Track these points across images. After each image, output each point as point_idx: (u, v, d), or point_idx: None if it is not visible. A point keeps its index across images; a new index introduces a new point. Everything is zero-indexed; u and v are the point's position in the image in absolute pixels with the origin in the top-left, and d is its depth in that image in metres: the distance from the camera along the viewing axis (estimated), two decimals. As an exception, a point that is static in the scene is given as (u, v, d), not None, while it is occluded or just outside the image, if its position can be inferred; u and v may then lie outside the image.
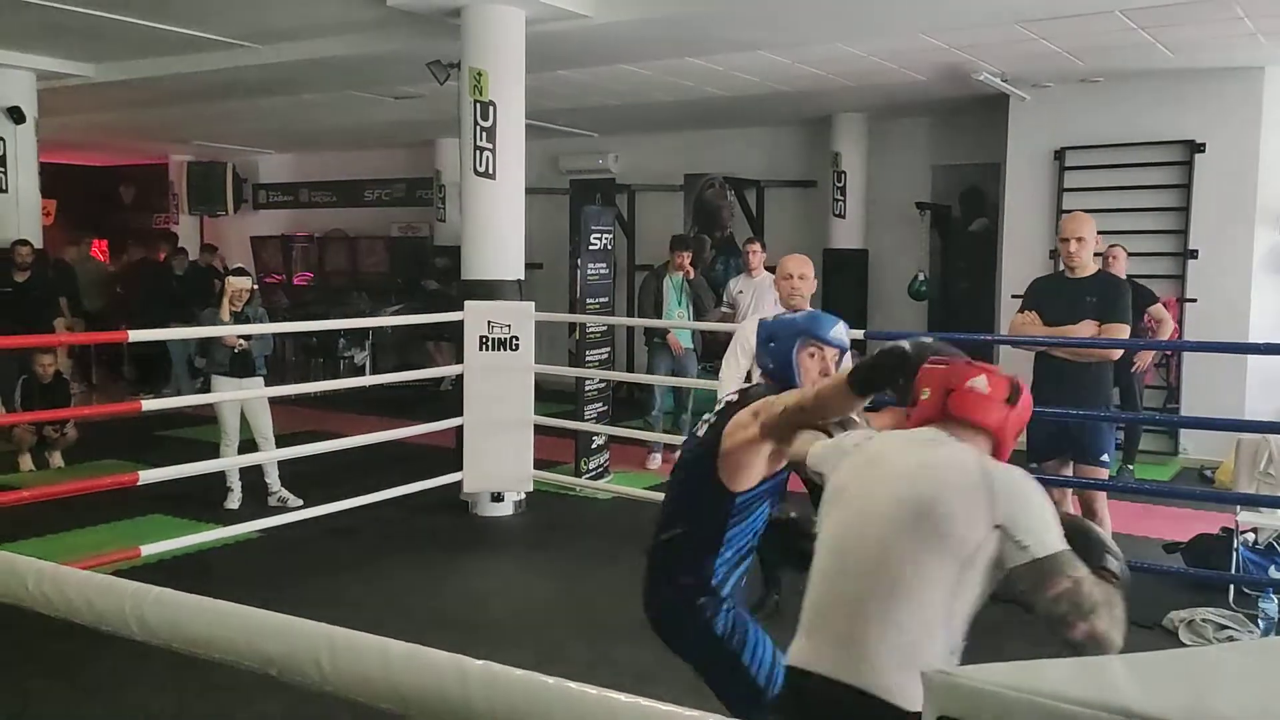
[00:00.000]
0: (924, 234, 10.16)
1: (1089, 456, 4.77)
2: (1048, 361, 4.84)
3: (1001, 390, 2.07)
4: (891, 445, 2.08)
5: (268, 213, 15.39)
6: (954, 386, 2.07)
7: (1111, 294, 4.75)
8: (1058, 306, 4.76)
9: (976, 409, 2.05)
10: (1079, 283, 4.76)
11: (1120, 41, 6.97)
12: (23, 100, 8.77)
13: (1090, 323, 4.67)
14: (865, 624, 1.86)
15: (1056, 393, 4.69)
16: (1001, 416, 2.06)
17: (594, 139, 12.05)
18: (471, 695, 1.11)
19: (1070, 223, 4.83)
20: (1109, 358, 4.83)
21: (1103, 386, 4.83)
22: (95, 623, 1.36)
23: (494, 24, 6.22)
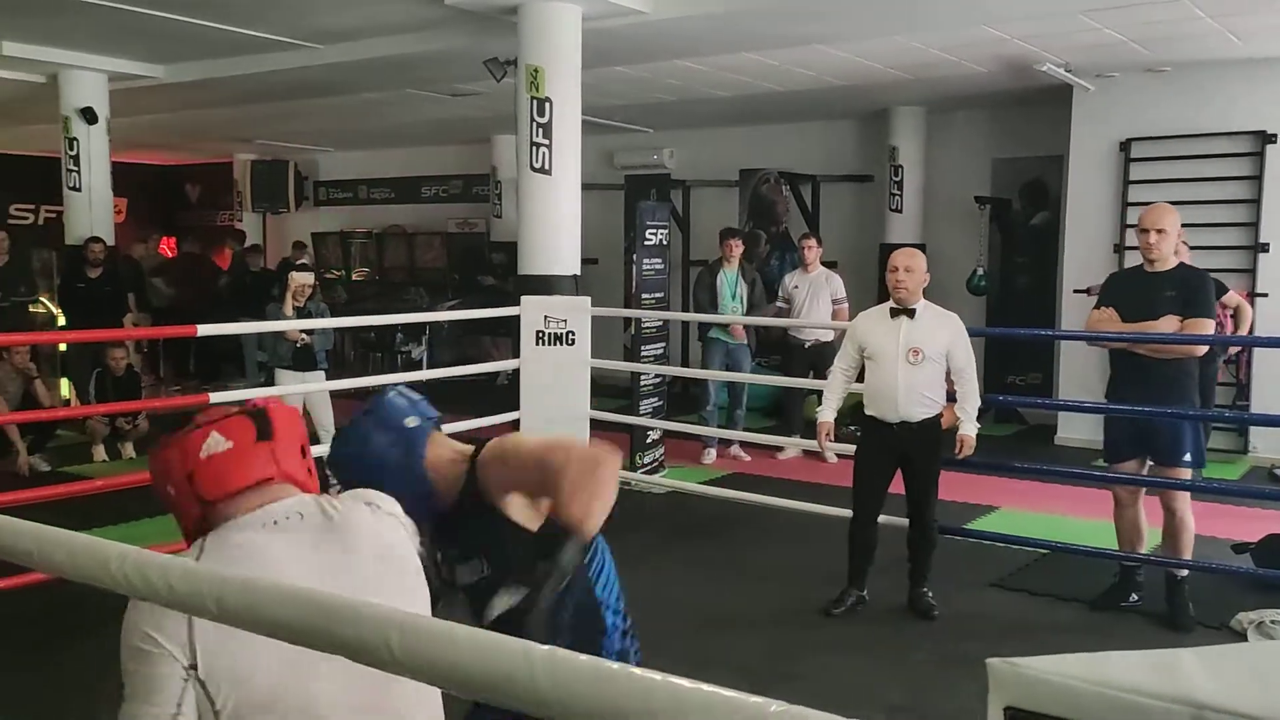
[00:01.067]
0: (983, 228, 10.02)
1: (1170, 458, 4.59)
2: (1127, 359, 4.64)
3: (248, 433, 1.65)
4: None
5: (328, 209, 15.64)
6: (192, 467, 1.63)
7: (1194, 288, 4.51)
8: (1136, 302, 4.57)
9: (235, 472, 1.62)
10: (1159, 277, 4.54)
11: (1187, 30, 6.81)
12: (95, 101, 9.01)
13: (1171, 318, 4.46)
14: None
15: (1136, 392, 4.54)
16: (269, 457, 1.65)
17: (649, 134, 12.06)
18: (538, 680, 1.13)
19: (1151, 213, 4.59)
20: (1192, 354, 4.57)
21: (1185, 385, 4.58)
22: (176, 605, 1.40)
23: (551, 21, 6.26)
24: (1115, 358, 4.77)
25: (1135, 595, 4.78)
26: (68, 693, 3.87)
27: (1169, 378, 4.53)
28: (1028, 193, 10.18)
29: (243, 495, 1.63)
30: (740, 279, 7.95)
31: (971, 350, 4.62)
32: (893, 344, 4.52)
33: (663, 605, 4.74)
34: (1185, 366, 4.57)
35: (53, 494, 4.86)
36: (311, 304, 6.79)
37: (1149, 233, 4.50)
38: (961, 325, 4.61)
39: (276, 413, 1.68)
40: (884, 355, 4.54)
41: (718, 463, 7.80)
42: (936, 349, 4.51)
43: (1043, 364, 9.59)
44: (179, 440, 1.64)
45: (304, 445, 1.72)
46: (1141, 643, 4.29)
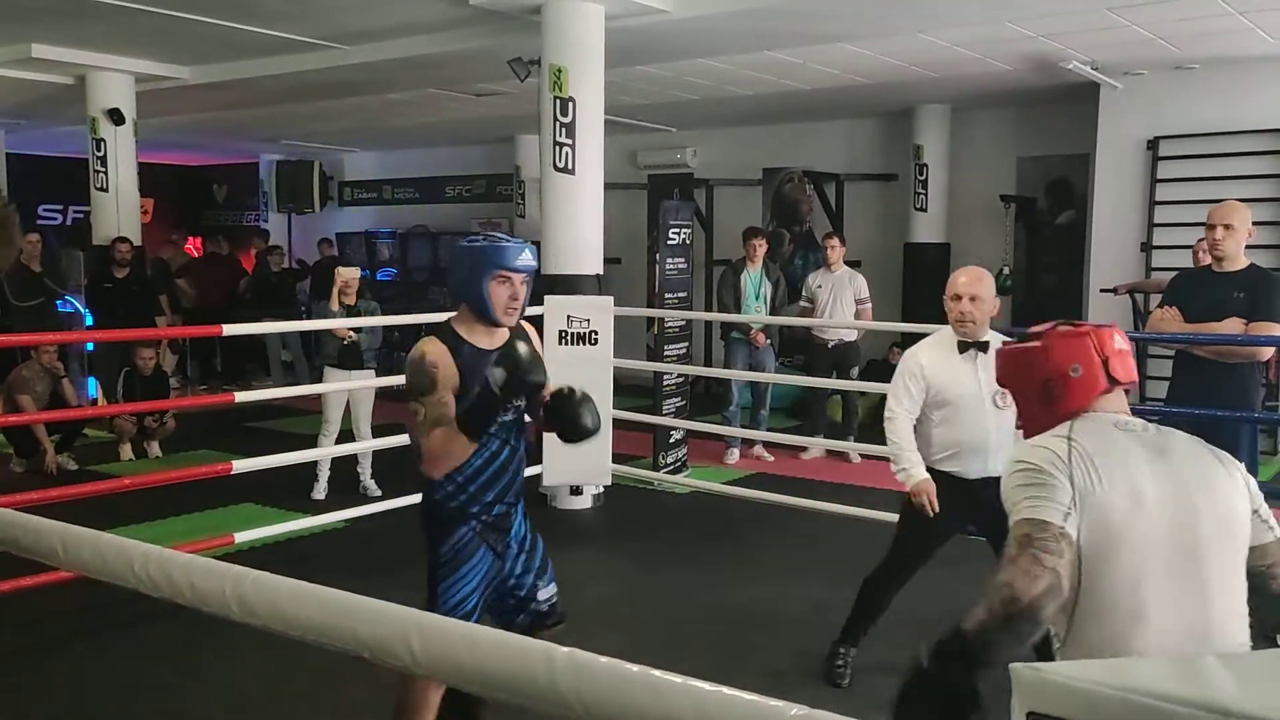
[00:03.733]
0: (1009, 227, 9.95)
1: None
2: (1189, 361, 4.50)
3: (1128, 342, 2.05)
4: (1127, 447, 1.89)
5: (352, 209, 15.73)
6: (1108, 353, 2.00)
7: (1262, 289, 4.30)
8: (1201, 302, 4.39)
9: (1132, 369, 2.02)
10: (1226, 277, 4.36)
11: (1216, 27, 6.73)
12: (122, 102, 9.10)
13: (1236, 320, 4.28)
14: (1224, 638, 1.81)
15: (1197, 394, 4.42)
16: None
17: (672, 134, 12.05)
18: (558, 681, 1.13)
19: (1219, 209, 4.41)
20: (1256, 357, 4.41)
21: (1250, 389, 4.43)
22: (197, 604, 1.42)
23: (574, 21, 6.27)
24: (1176, 360, 4.64)
25: None
26: (94, 689, 3.91)
27: (1232, 382, 4.37)
28: (1054, 191, 10.11)
29: (1121, 389, 2.01)
30: (764, 278, 7.93)
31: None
32: (973, 386, 3.70)
33: (687, 606, 4.74)
34: (1248, 370, 4.40)
35: (80, 493, 4.91)
36: (362, 302, 6.59)
37: (1216, 228, 4.33)
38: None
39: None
40: (965, 400, 3.70)
41: (741, 463, 7.79)
42: None
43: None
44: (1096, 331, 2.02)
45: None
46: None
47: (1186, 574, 1.79)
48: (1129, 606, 1.76)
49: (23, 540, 1.62)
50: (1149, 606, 1.76)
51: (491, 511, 2.93)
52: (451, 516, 2.89)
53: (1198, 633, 1.77)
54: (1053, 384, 2.00)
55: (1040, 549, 1.74)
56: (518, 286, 2.80)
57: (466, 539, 2.88)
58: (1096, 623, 1.79)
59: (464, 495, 2.88)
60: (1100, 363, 1.99)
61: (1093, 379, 1.99)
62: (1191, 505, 1.82)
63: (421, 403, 2.73)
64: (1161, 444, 1.91)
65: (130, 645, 4.25)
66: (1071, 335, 2.02)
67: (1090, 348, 2.00)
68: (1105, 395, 2.00)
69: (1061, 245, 9.88)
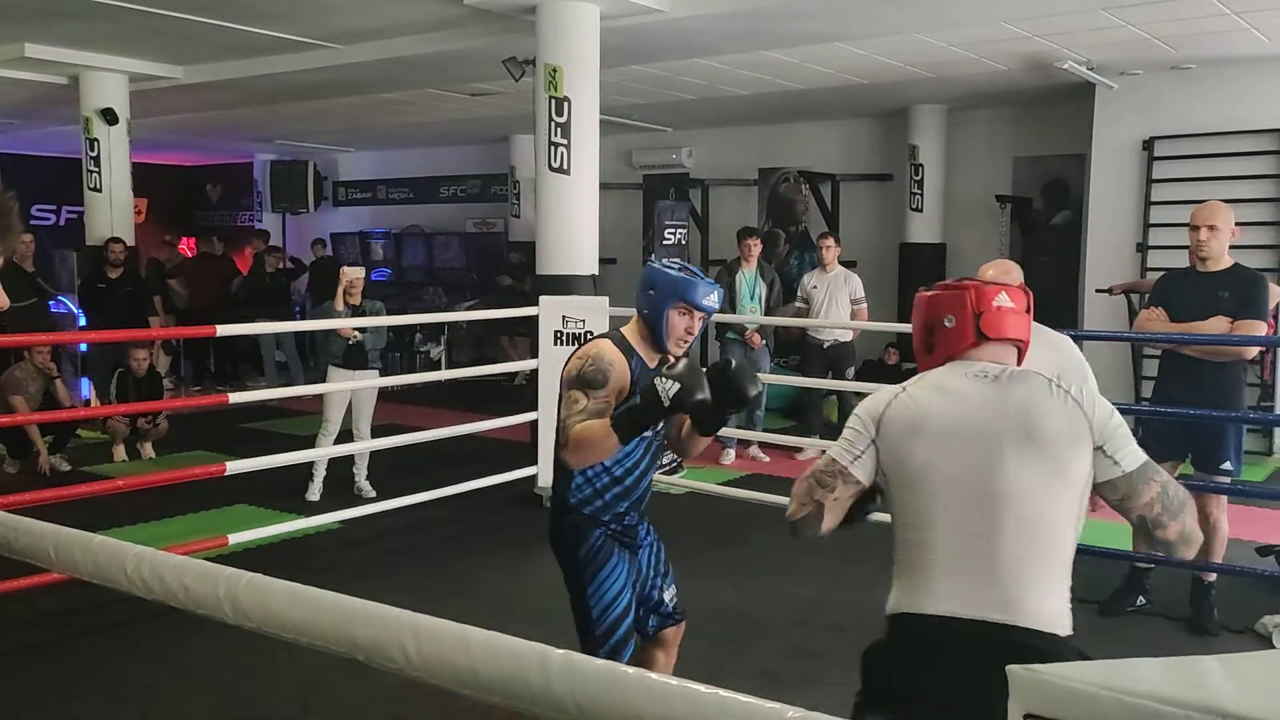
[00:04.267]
0: (1004, 227, 9.96)
1: (1210, 463, 4.49)
2: (1176, 360, 4.54)
3: (1020, 302, 2.14)
4: (961, 389, 2.05)
5: (347, 209, 15.71)
6: (983, 309, 2.10)
7: (1247, 288, 4.36)
8: (1187, 302, 4.43)
9: (1011, 325, 2.11)
10: (1212, 277, 4.40)
11: (1212, 27, 6.74)
12: (116, 102, 9.08)
13: (1222, 319, 4.32)
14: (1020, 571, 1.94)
15: (1184, 393, 4.45)
16: (1026, 327, 2.16)
17: (668, 134, 12.05)
18: (553, 683, 1.13)
19: (1203, 210, 4.44)
20: (1242, 357, 4.45)
21: (1236, 388, 4.47)
22: (190, 606, 1.41)
23: (569, 20, 6.26)
24: (1163, 359, 4.67)
25: (1143, 599, 4.72)
26: (86, 691, 3.89)
27: (1218, 380, 4.41)
28: (1049, 192, 10.12)
29: (995, 344, 2.11)
30: (759, 279, 7.92)
31: (1089, 375, 3.53)
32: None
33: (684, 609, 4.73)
34: (1234, 370, 4.44)
35: (73, 494, 4.89)
36: (367, 302, 6.55)
37: (1200, 229, 4.36)
38: (1073, 348, 3.69)
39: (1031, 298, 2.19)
40: None
41: (736, 463, 7.79)
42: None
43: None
44: (979, 287, 2.12)
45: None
46: (1165, 648, 4.25)
47: (981, 515, 1.94)
48: (917, 537, 2.00)
49: (15, 542, 1.61)
50: (936, 539, 1.97)
51: (623, 521, 2.96)
52: (585, 521, 2.92)
53: (983, 570, 1.94)
54: (931, 332, 2.16)
55: (817, 481, 2.10)
56: (695, 322, 2.88)
57: (601, 540, 2.92)
58: (899, 548, 2.05)
59: (599, 502, 2.91)
60: (973, 317, 2.09)
61: (962, 332, 2.11)
62: (1002, 451, 1.95)
63: (586, 394, 2.76)
64: (1003, 391, 2.02)
65: (122, 647, 4.24)
66: (953, 289, 2.15)
67: (966, 302, 2.10)
68: (976, 348, 2.10)
69: (1057, 245, 9.89)
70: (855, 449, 2.08)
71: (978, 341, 2.10)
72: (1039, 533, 1.94)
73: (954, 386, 2.05)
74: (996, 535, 1.93)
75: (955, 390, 2.05)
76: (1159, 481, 1.97)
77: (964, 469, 1.96)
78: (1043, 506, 1.94)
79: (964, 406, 2.01)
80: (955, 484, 1.97)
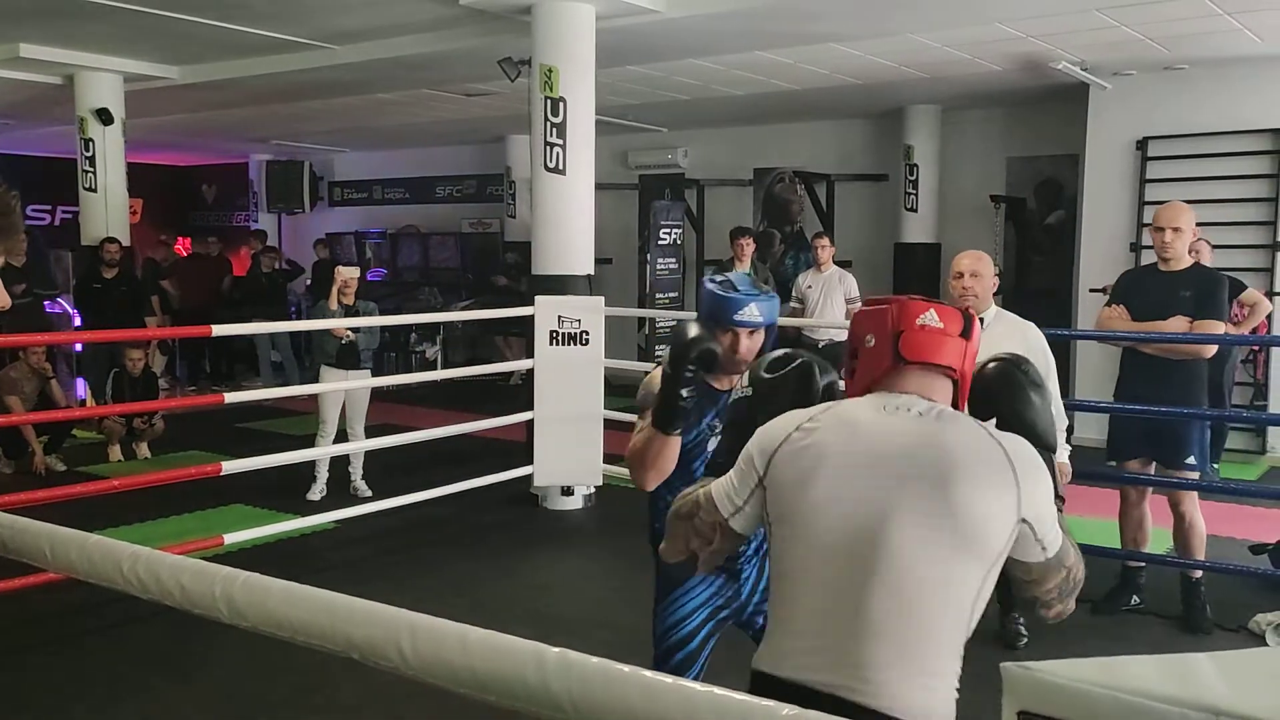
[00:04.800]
0: (998, 227, 9.98)
1: (1173, 460, 4.55)
2: (1136, 358, 4.61)
3: (955, 323, 1.80)
4: (870, 423, 1.74)
5: (342, 209, 15.69)
6: (903, 327, 1.79)
7: (1207, 288, 4.45)
8: (1148, 301, 4.52)
9: (934, 348, 1.78)
10: (1172, 276, 4.48)
11: (1205, 27, 6.76)
12: (111, 102, 9.06)
13: (1182, 319, 4.42)
14: (887, 646, 1.61)
15: (1146, 391, 4.51)
16: (960, 354, 1.79)
17: (663, 134, 12.05)
18: (549, 681, 1.13)
19: (1166, 211, 4.53)
20: (1202, 355, 4.53)
21: (1193, 386, 4.54)
22: (186, 605, 1.41)
23: (565, 20, 6.26)
24: (1124, 357, 4.74)
25: (1136, 598, 4.74)
26: (81, 691, 3.89)
27: (1178, 378, 4.49)
28: (1043, 192, 10.14)
29: (918, 371, 1.79)
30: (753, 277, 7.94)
31: (1051, 362, 3.99)
32: None
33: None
34: (1194, 368, 4.53)
35: (68, 494, 4.88)
36: (361, 302, 6.62)
37: (1165, 231, 4.44)
38: (1039, 336, 4.04)
39: (977, 323, 1.86)
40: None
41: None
42: None
43: (1059, 363, 9.53)
44: (905, 303, 1.82)
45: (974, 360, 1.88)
46: (1157, 646, 4.26)
47: (856, 574, 1.64)
48: (787, 589, 1.74)
49: (10, 541, 1.61)
50: (804, 594, 1.70)
51: None
52: None
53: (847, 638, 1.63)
54: (854, 355, 1.87)
55: (695, 529, 1.91)
56: (742, 340, 2.57)
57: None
58: (771, 595, 1.80)
59: None
60: (891, 337, 1.79)
61: (880, 353, 1.80)
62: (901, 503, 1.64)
63: (640, 417, 2.60)
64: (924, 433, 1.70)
65: (118, 647, 4.23)
66: (877, 303, 1.87)
67: (886, 320, 1.80)
68: (898, 374, 1.79)
69: (1051, 245, 9.91)
70: (737, 499, 1.83)
71: (895, 365, 1.79)
72: (920, 607, 1.61)
73: (863, 420, 1.75)
74: (868, 600, 1.62)
75: (863, 425, 1.74)
76: (1068, 566, 1.73)
77: (852, 519, 1.66)
78: (932, 576, 1.62)
79: (867, 445, 1.71)
80: (838, 534, 1.67)
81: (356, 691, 3.75)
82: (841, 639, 1.63)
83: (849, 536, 1.66)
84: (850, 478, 1.69)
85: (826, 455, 1.72)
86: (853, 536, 1.65)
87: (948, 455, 1.65)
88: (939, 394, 1.79)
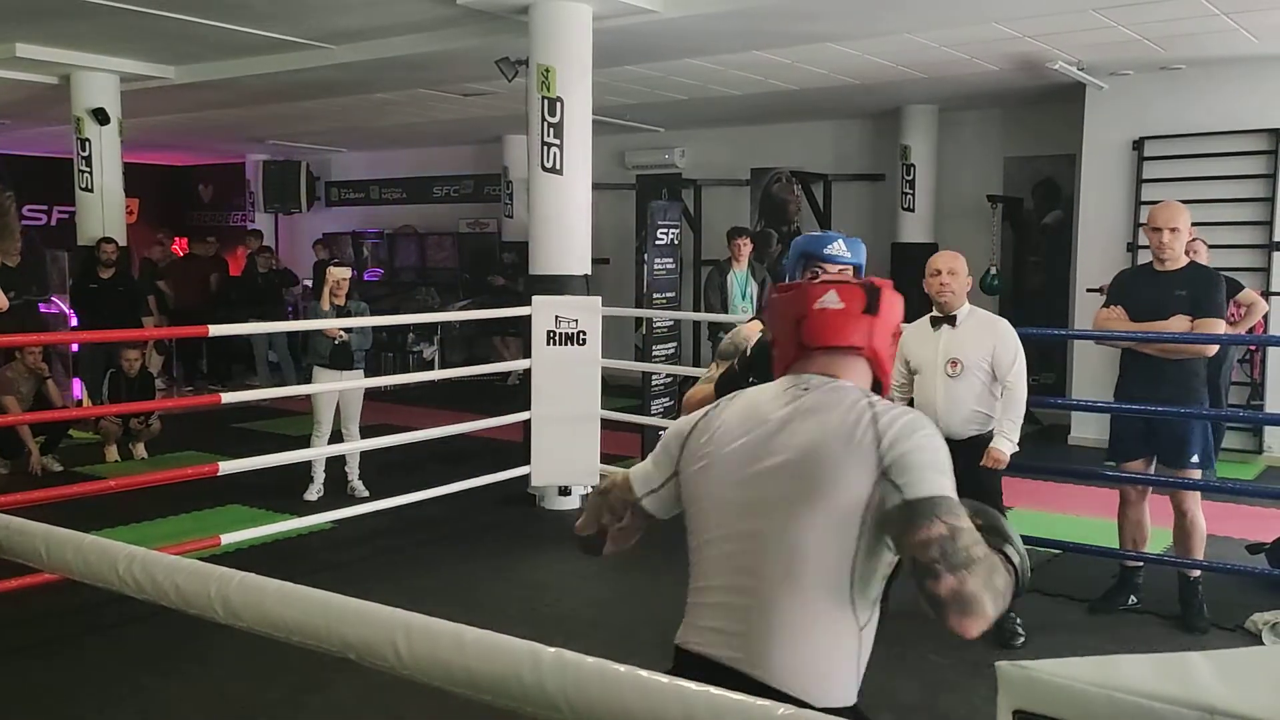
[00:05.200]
0: (995, 227, 9.98)
1: (1177, 459, 4.54)
2: (1135, 358, 4.61)
3: (857, 301, 1.78)
4: (763, 404, 1.79)
5: (340, 209, 15.68)
6: (804, 313, 1.79)
7: (1204, 287, 4.45)
8: (1146, 301, 4.51)
9: (834, 330, 1.77)
10: (1169, 276, 4.48)
11: (1202, 27, 6.76)
12: (107, 102, 9.05)
13: (1181, 318, 4.41)
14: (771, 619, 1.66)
15: (1144, 391, 4.51)
16: (866, 331, 1.78)
17: (660, 134, 12.05)
18: (545, 681, 1.13)
19: (1163, 211, 4.52)
20: (1201, 354, 4.53)
21: (1193, 385, 4.53)
22: (181, 606, 1.41)
23: (562, 20, 6.26)
24: (1124, 357, 4.74)
25: (1134, 598, 4.75)
26: (76, 691, 3.88)
27: (1177, 378, 4.49)
28: (1040, 191, 10.15)
29: (824, 354, 1.79)
30: (750, 278, 7.94)
31: (1021, 359, 4.23)
32: (932, 355, 4.30)
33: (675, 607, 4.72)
34: (1193, 367, 4.53)
35: (64, 494, 4.88)
36: (352, 303, 6.64)
37: (1162, 231, 4.44)
38: (1009, 331, 4.27)
39: (888, 295, 1.84)
40: (925, 368, 4.32)
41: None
42: (978, 359, 4.22)
43: (1055, 363, 9.55)
44: (807, 286, 1.86)
45: (899, 332, 1.88)
46: (1155, 645, 4.26)
47: (746, 548, 1.70)
48: (695, 560, 1.83)
49: (5, 542, 1.60)
50: (707, 568, 1.79)
51: None
52: None
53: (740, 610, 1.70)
54: (774, 343, 1.91)
55: (609, 506, 1.94)
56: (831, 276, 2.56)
57: None
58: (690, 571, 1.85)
59: None
60: (794, 323, 1.81)
61: (787, 340, 1.83)
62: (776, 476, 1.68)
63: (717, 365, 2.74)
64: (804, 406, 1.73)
65: (116, 648, 4.23)
66: (784, 290, 1.91)
67: (790, 307, 1.83)
68: (804, 357, 1.80)
69: (1048, 245, 9.92)
70: (653, 481, 1.88)
71: (801, 350, 1.80)
72: (802, 578, 1.64)
73: (761, 402, 1.78)
74: (757, 575, 1.67)
75: (758, 408, 1.77)
76: (950, 524, 1.55)
77: (740, 499, 1.72)
78: (807, 545, 1.64)
79: (752, 426, 1.75)
80: (731, 514, 1.73)
81: (355, 691, 3.75)
82: (737, 615, 1.70)
83: (739, 515, 1.73)
84: (739, 460, 1.74)
85: (722, 440, 1.78)
86: (741, 515, 1.72)
87: (820, 427, 1.68)
88: (849, 373, 1.79)
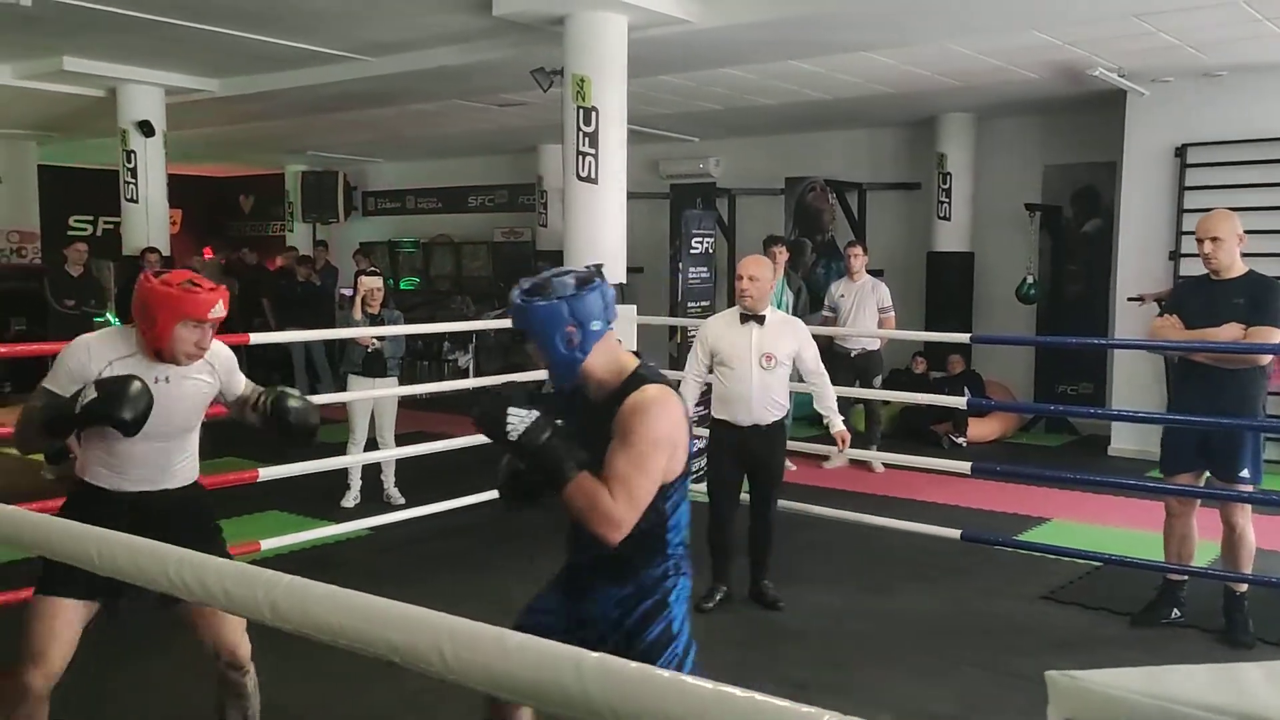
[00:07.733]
0: (1033, 236, 9.90)
1: (1227, 471, 4.43)
2: (1191, 369, 4.51)
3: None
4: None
5: (376, 219, 15.83)
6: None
7: (1260, 295, 4.32)
8: (1200, 309, 4.41)
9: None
10: (1225, 284, 4.38)
11: (1244, 33, 6.68)
12: (152, 114, 9.21)
13: (1235, 326, 4.29)
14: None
15: (1199, 401, 4.41)
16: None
17: (695, 143, 12.06)
18: (588, 687, 1.13)
19: (1203, 221, 4.44)
20: (1258, 363, 4.41)
21: (1250, 396, 4.41)
22: (230, 608, 1.43)
23: (597, 31, 6.29)
24: (1179, 367, 4.65)
25: (1176, 611, 4.66)
26: (115, 695, 3.93)
27: (1232, 388, 4.38)
28: (1080, 200, 10.04)
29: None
30: (785, 288, 7.91)
31: (807, 345, 4.83)
32: (746, 350, 4.70)
33: (704, 616, 4.72)
34: (1250, 376, 4.40)
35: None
36: (386, 311, 6.68)
37: (1204, 242, 4.37)
38: (806, 330, 4.90)
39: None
40: (738, 361, 4.71)
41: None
42: (786, 354, 4.72)
43: (1095, 373, 9.44)
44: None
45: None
46: (1199, 660, 4.19)
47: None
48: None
49: (58, 546, 1.64)
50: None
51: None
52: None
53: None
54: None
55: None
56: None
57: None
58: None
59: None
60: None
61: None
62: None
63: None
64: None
65: (150, 649, 4.28)
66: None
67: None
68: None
69: (1087, 254, 9.81)
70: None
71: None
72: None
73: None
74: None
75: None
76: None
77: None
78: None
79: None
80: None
81: (387, 699, 3.77)
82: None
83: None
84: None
85: None
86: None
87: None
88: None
